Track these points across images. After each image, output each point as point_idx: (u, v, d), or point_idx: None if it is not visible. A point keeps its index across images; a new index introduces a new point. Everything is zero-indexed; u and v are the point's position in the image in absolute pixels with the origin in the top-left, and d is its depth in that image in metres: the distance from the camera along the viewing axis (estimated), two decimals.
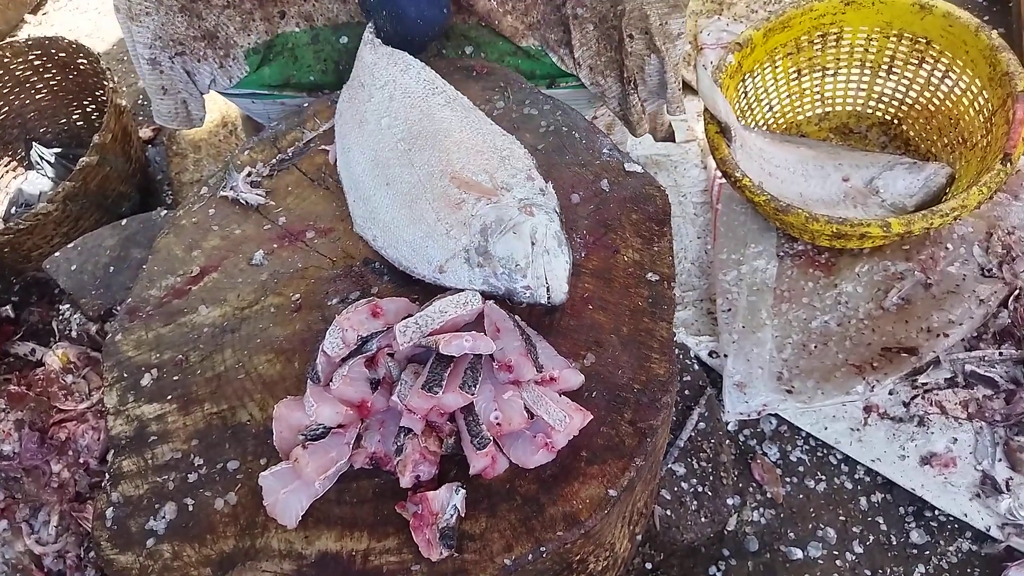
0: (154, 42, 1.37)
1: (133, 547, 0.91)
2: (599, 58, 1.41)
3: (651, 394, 0.92)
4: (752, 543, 1.43)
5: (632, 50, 1.37)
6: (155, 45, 1.38)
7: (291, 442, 0.92)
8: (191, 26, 1.37)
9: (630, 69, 1.39)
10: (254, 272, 1.12)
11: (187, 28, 1.37)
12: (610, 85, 1.44)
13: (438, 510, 0.84)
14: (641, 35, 1.35)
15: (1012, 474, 1.38)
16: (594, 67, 1.42)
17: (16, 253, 1.84)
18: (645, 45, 1.36)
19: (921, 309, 1.53)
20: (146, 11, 1.35)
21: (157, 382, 1.04)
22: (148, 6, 1.34)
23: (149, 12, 1.35)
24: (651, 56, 1.37)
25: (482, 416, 0.88)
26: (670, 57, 1.37)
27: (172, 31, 1.37)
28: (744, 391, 1.52)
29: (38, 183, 2.17)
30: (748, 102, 1.76)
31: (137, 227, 1.46)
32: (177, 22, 1.37)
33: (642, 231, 1.07)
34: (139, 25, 1.36)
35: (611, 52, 1.40)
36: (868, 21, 1.66)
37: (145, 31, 1.36)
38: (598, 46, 1.40)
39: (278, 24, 1.39)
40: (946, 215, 1.37)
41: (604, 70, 1.42)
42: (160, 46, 1.38)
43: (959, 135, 1.63)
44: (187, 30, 1.37)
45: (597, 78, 1.43)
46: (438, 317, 0.91)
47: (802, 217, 1.43)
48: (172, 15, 1.36)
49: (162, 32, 1.36)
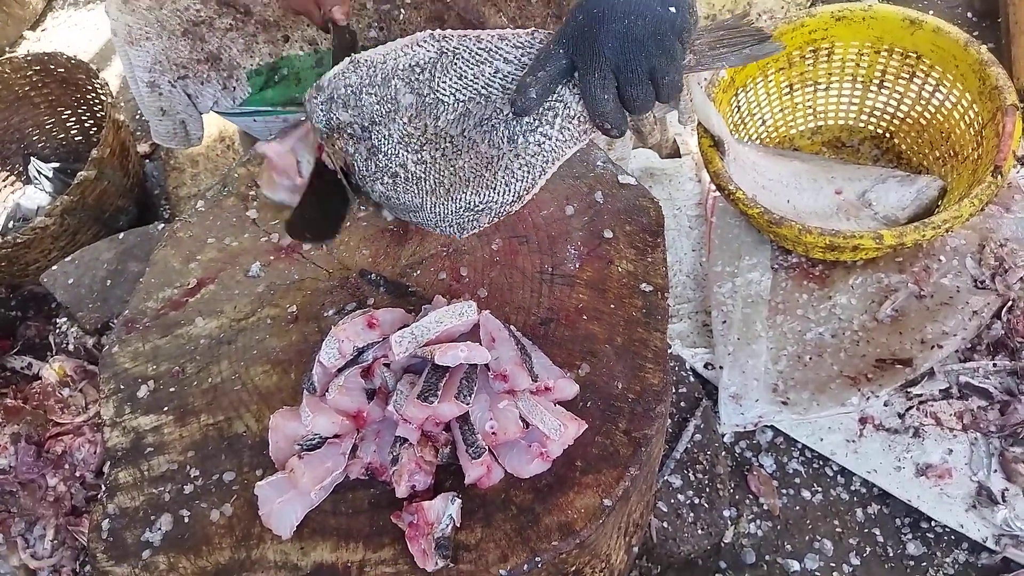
0: (154, 66, 1.36)
1: (129, 559, 0.91)
2: None
3: (645, 403, 0.93)
4: (749, 555, 1.43)
5: None
6: (155, 69, 1.37)
7: (287, 452, 0.92)
8: (194, 49, 1.36)
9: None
10: (250, 284, 1.13)
11: (190, 52, 1.36)
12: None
13: (434, 520, 0.85)
14: None
15: (1008, 485, 1.39)
16: None
17: (14, 267, 1.85)
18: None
19: (915, 321, 1.54)
20: (147, 36, 1.34)
21: (154, 394, 1.04)
22: (149, 31, 1.34)
23: (150, 37, 1.34)
24: None
25: (477, 426, 0.89)
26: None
27: (175, 55, 1.36)
28: (740, 403, 1.52)
29: (36, 197, 2.18)
30: (741, 116, 1.78)
31: (134, 241, 1.47)
32: (180, 46, 1.35)
33: (636, 242, 1.08)
34: (139, 49, 1.35)
35: None
36: (859, 36, 1.69)
37: (145, 55, 1.35)
38: None
39: (282, 47, 1.38)
40: (938, 227, 1.38)
41: None
42: (160, 70, 1.37)
43: (950, 148, 1.65)
44: (190, 53, 1.36)
45: None
46: (434, 327, 0.91)
47: (795, 229, 1.44)
48: (175, 40, 1.35)
49: (163, 56, 1.36)
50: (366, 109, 0.97)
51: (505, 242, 1.09)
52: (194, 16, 1.32)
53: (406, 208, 0.98)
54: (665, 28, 0.88)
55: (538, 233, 1.10)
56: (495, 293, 1.05)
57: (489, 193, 0.95)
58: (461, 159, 0.95)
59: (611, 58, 0.88)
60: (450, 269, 1.08)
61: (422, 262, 1.10)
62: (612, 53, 0.88)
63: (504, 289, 1.05)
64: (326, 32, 1.18)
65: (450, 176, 0.95)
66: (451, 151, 0.95)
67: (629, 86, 0.88)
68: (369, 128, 0.97)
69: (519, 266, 1.07)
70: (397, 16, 1.34)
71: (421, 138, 0.96)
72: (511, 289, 1.05)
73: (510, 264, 1.07)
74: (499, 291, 1.05)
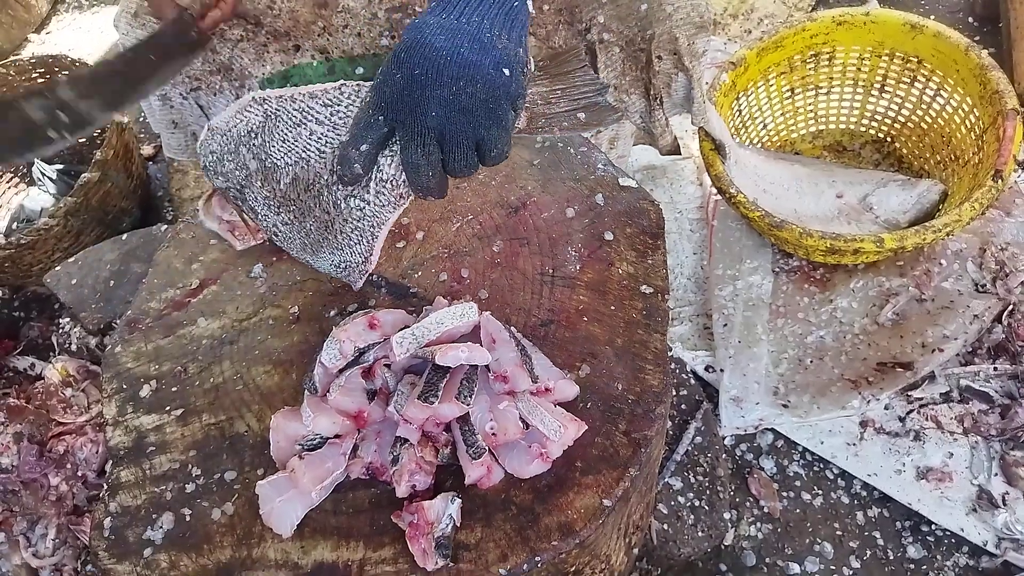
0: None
1: (130, 556, 0.91)
2: (624, 77, 1.44)
3: (645, 405, 0.93)
4: (749, 558, 1.43)
5: (660, 69, 1.39)
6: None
7: (288, 452, 0.92)
8: (206, 61, 1.35)
9: (656, 87, 1.42)
10: (253, 285, 1.14)
11: (202, 63, 1.35)
12: (634, 101, 1.47)
13: (434, 520, 0.85)
14: (670, 56, 1.38)
15: (1008, 488, 1.39)
16: (619, 86, 1.45)
17: (17, 268, 1.85)
18: (673, 64, 1.39)
19: (916, 324, 1.54)
20: None
21: (156, 393, 1.05)
22: None
23: None
24: (679, 74, 1.40)
25: (478, 426, 0.89)
26: (696, 72, 1.40)
27: (187, 68, 1.35)
28: (740, 405, 1.53)
29: (39, 199, 2.19)
30: (742, 120, 1.78)
31: (138, 242, 1.48)
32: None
33: (636, 244, 1.08)
34: None
35: (636, 71, 1.43)
36: (860, 40, 1.69)
37: None
38: (623, 67, 1.43)
39: (293, 56, 1.38)
40: (939, 231, 1.39)
41: (628, 88, 1.45)
42: (171, 83, 1.36)
43: (951, 152, 1.65)
44: (202, 65, 1.36)
45: (621, 96, 1.46)
46: (435, 328, 0.92)
47: (796, 233, 1.44)
48: None
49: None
50: (231, 175, 0.99)
51: (506, 244, 1.10)
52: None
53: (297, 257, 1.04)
54: (498, 95, 0.80)
55: (539, 235, 1.10)
56: (496, 295, 1.05)
57: (341, 253, 0.96)
58: (307, 221, 0.96)
59: (435, 128, 0.81)
60: (451, 271, 1.09)
61: (423, 264, 1.11)
62: (436, 122, 0.80)
63: (505, 291, 1.05)
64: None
65: (304, 237, 0.97)
66: (298, 213, 0.96)
67: (454, 157, 0.82)
68: (241, 191, 1.00)
69: (520, 268, 1.07)
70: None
71: (275, 201, 0.97)
72: (512, 291, 1.05)
73: (511, 266, 1.08)
74: (500, 293, 1.05)
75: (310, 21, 1.34)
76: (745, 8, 2.19)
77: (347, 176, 0.87)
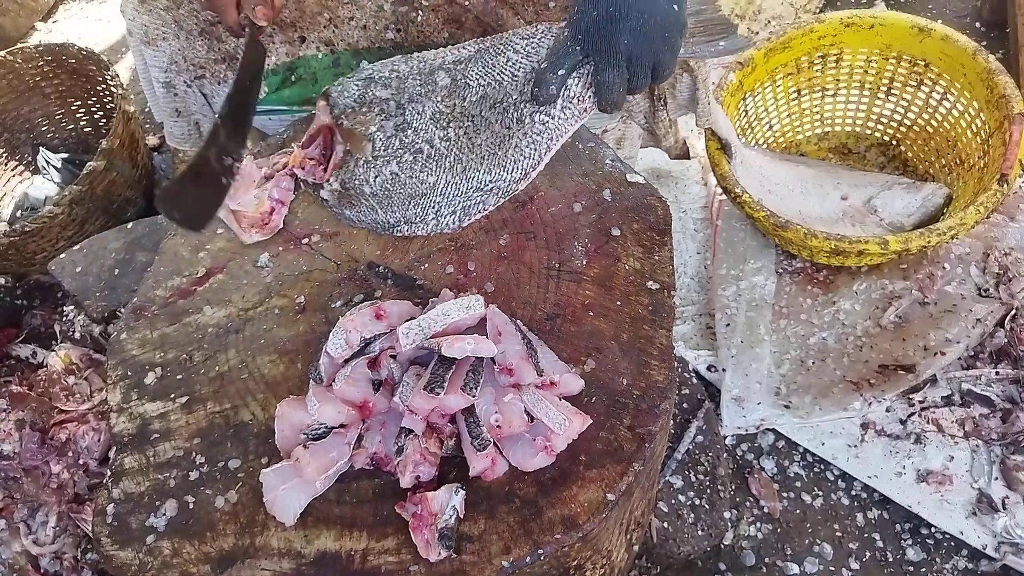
0: (170, 66, 1.36)
1: (133, 543, 0.91)
2: None
3: (650, 400, 0.93)
4: (749, 557, 1.43)
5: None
6: (171, 69, 1.36)
7: (293, 441, 0.92)
8: (211, 49, 1.35)
9: (661, 88, 1.42)
10: (259, 274, 1.14)
11: (207, 51, 1.35)
12: (638, 101, 1.47)
13: (437, 511, 0.85)
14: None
15: (1008, 493, 1.39)
16: None
17: (20, 255, 1.85)
18: (678, 67, 1.39)
19: (918, 327, 1.54)
20: (163, 36, 1.33)
21: (161, 380, 1.05)
22: (166, 31, 1.32)
23: (167, 37, 1.33)
24: (684, 75, 1.40)
25: (482, 418, 0.89)
26: (700, 74, 1.40)
27: (192, 55, 1.35)
28: (742, 405, 1.53)
29: (44, 188, 2.19)
30: (749, 120, 1.78)
31: (143, 231, 1.48)
32: (197, 46, 1.35)
33: (643, 240, 1.08)
34: (155, 49, 1.34)
35: None
36: (867, 43, 1.69)
37: (161, 55, 1.35)
38: None
39: (298, 47, 1.38)
40: (943, 234, 1.39)
41: None
42: (176, 70, 1.37)
43: (957, 156, 1.65)
44: (208, 53, 1.35)
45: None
46: (441, 320, 0.92)
47: (801, 233, 1.45)
48: (192, 39, 1.34)
49: (179, 56, 1.35)
50: (408, 90, 1.11)
51: (513, 238, 1.10)
52: (211, 16, 1.31)
53: (411, 193, 1.08)
54: (671, 25, 0.97)
55: (546, 229, 1.10)
56: (502, 288, 1.05)
57: (500, 171, 1.06)
58: (480, 136, 1.07)
59: (624, 53, 0.97)
60: (458, 263, 1.09)
61: (430, 256, 1.11)
62: (627, 48, 0.96)
63: (511, 284, 1.05)
64: (236, 36, 1.15)
65: (469, 152, 1.07)
66: (472, 129, 1.07)
67: (637, 76, 0.99)
68: (405, 105, 1.10)
69: (526, 262, 1.07)
70: (415, 18, 1.34)
71: (449, 115, 1.09)
72: (518, 284, 1.05)
73: (517, 259, 1.08)
74: (506, 286, 1.05)
75: (316, 12, 1.33)
76: (752, 9, 2.19)
77: (542, 96, 1.02)
